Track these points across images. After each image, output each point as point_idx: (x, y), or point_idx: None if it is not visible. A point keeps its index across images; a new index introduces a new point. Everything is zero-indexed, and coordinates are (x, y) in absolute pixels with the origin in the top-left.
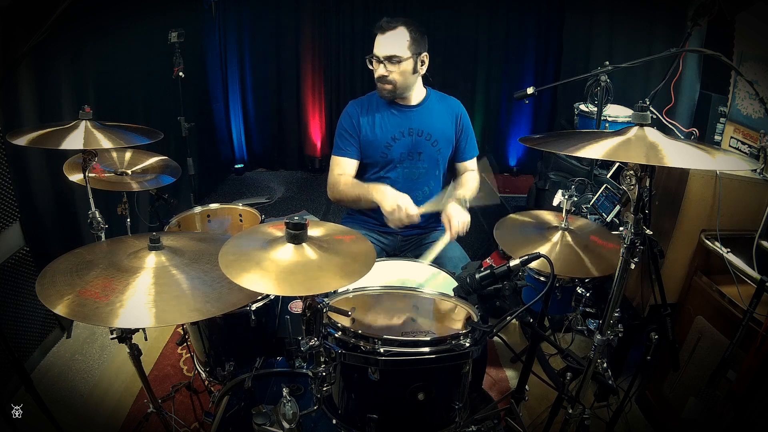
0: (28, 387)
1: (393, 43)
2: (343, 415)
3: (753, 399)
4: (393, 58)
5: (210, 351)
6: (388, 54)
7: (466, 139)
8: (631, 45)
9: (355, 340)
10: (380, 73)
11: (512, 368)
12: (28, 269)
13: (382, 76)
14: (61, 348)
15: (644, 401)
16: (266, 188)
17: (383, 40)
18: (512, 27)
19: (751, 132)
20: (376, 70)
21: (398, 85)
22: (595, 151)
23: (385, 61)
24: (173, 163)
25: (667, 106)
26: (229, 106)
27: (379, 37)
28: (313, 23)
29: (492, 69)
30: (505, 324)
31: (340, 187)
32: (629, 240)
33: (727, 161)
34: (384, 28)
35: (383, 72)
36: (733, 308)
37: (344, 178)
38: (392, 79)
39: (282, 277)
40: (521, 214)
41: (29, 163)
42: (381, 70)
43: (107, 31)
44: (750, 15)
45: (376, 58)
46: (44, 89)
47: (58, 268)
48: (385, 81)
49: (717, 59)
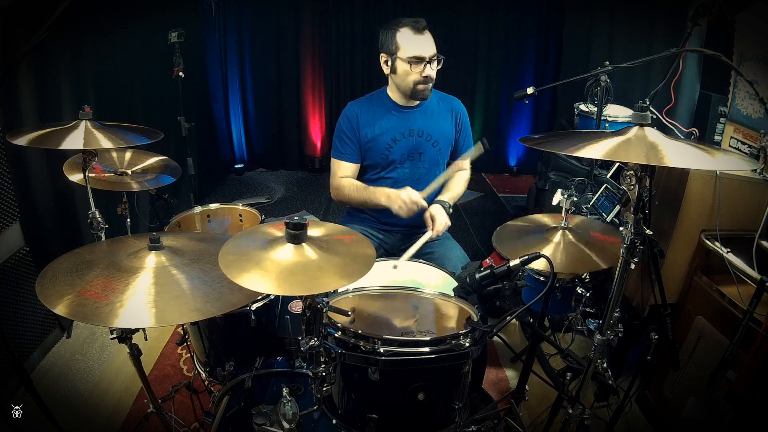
0: (28, 387)
1: (432, 42)
2: (343, 415)
3: (753, 399)
4: (435, 57)
5: (210, 351)
6: (434, 53)
7: (464, 139)
8: (631, 45)
9: (355, 340)
10: (428, 74)
11: (512, 368)
12: (28, 269)
13: (428, 77)
14: (61, 348)
15: (644, 401)
16: (266, 188)
17: (424, 40)
18: (512, 27)
19: (751, 132)
20: (418, 71)
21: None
22: (595, 151)
23: (430, 62)
24: (173, 163)
25: (667, 106)
26: (229, 106)
27: (417, 37)
28: (313, 23)
29: (492, 69)
30: (505, 324)
31: (345, 191)
32: (629, 240)
33: (727, 161)
34: (422, 28)
35: (430, 72)
36: (733, 308)
37: (348, 182)
38: (433, 78)
39: (282, 277)
40: (518, 220)
41: (29, 163)
42: (428, 71)
43: (107, 31)
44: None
45: (417, 59)
46: (44, 89)
47: (58, 268)
48: (429, 81)
49: (717, 59)
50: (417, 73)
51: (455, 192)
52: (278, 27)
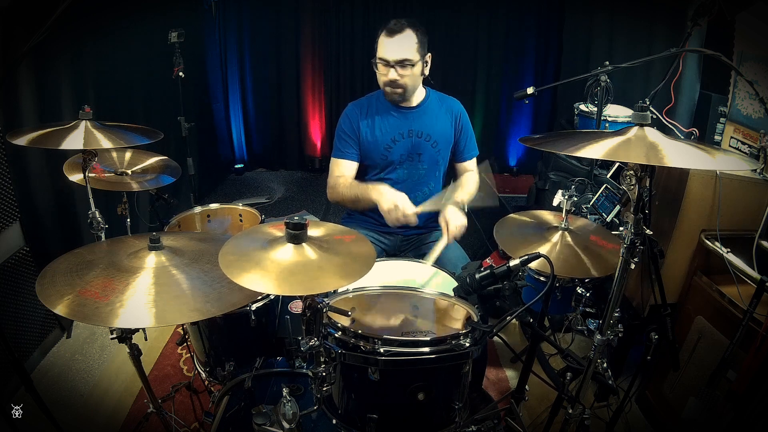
0: (28, 387)
1: (404, 47)
2: (343, 415)
3: (753, 399)
4: (405, 62)
5: (210, 351)
6: (399, 58)
7: (466, 140)
8: (631, 45)
9: (355, 340)
10: (391, 78)
11: (512, 368)
12: (28, 269)
13: (393, 81)
14: (61, 348)
15: (644, 401)
16: (266, 188)
17: (393, 43)
18: (512, 27)
19: (751, 132)
20: (384, 74)
21: (408, 88)
22: (595, 151)
23: (396, 66)
24: (173, 163)
25: (667, 106)
26: (229, 106)
27: (386, 40)
28: (313, 23)
29: (492, 69)
30: (505, 324)
31: (339, 189)
32: (629, 240)
33: (727, 161)
34: (393, 31)
35: (394, 76)
36: (733, 308)
37: (343, 180)
38: (403, 83)
39: (282, 277)
40: (521, 214)
41: (29, 163)
42: (392, 75)
43: (107, 31)
44: (750, 15)
45: (383, 61)
46: (44, 89)
47: (58, 268)
48: (396, 85)
49: (717, 59)
50: (384, 75)
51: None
52: (278, 27)
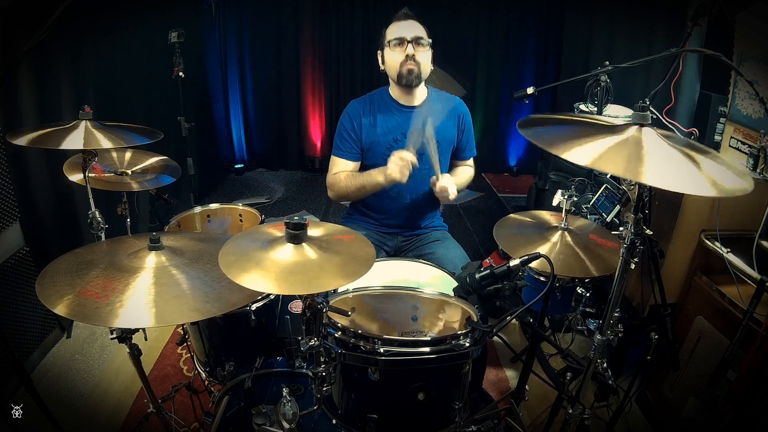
0: (28, 387)
1: (417, 27)
2: (343, 415)
3: (753, 399)
4: (420, 39)
5: (210, 351)
6: (415, 35)
7: (467, 140)
8: (631, 45)
9: (355, 340)
10: (409, 52)
11: (512, 368)
12: (28, 269)
13: (410, 55)
14: (61, 348)
15: (644, 401)
16: (266, 188)
17: (406, 24)
18: (512, 27)
19: (751, 132)
20: (401, 51)
21: (422, 68)
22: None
23: (412, 42)
24: (173, 163)
25: (667, 106)
26: (229, 106)
27: (400, 23)
28: (313, 23)
29: (492, 69)
30: (505, 324)
31: (341, 183)
32: (629, 240)
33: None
34: (405, 15)
35: (412, 51)
36: (733, 308)
37: (342, 174)
38: (418, 60)
39: (282, 277)
40: (521, 214)
41: (29, 163)
42: (409, 49)
43: (107, 31)
44: (750, 15)
45: (398, 40)
46: (44, 89)
47: (58, 268)
48: (413, 60)
49: (717, 59)
50: (400, 53)
51: (461, 178)
52: (278, 27)
